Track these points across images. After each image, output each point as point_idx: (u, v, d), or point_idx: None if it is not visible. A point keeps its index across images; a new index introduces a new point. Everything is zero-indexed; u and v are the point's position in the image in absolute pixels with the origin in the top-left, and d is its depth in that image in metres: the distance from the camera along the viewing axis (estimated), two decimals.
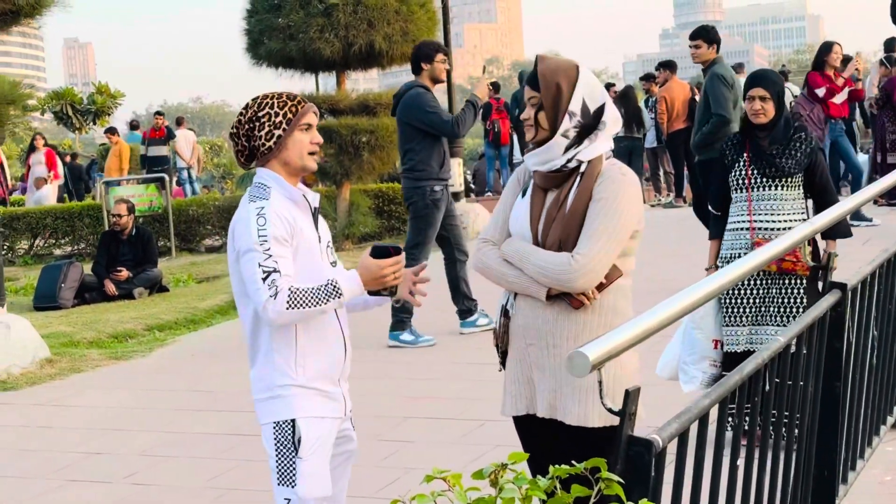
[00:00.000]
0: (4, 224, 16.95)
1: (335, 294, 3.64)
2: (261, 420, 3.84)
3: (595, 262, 3.58)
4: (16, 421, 7.78)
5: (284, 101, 3.78)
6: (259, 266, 3.62)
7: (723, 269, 3.55)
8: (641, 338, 2.88)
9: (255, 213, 3.69)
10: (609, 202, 3.63)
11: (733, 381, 3.22)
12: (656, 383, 7.24)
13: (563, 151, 3.70)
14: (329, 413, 3.84)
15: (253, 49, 15.45)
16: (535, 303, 3.71)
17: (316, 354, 3.79)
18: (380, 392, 7.84)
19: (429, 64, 8.98)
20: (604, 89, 3.84)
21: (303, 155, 3.79)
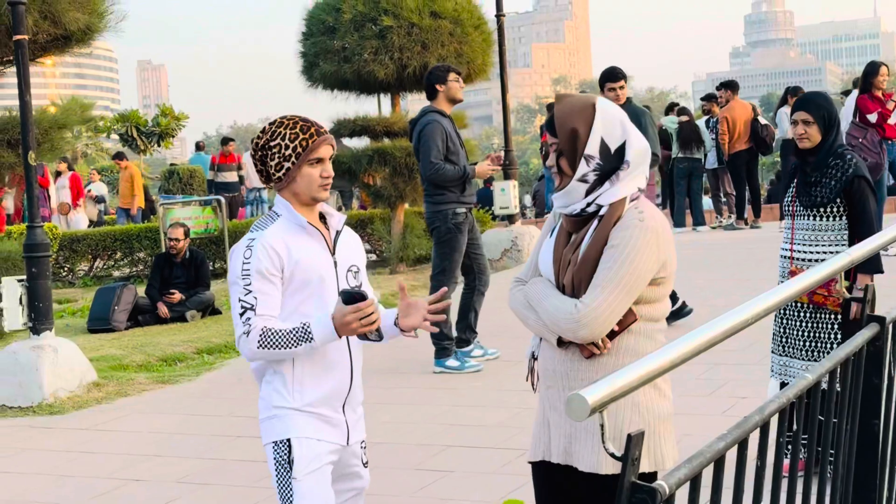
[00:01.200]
0: (64, 246, 17.10)
1: (306, 338, 3.63)
2: (262, 441, 3.84)
3: (599, 312, 3.41)
4: (59, 445, 7.78)
5: (297, 132, 3.73)
6: (239, 300, 3.66)
7: (747, 303, 3.38)
8: (647, 379, 2.74)
9: (245, 244, 3.71)
10: (620, 249, 3.45)
11: (753, 422, 3.07)
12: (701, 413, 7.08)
13: (583, 195, 3.53)
14: (326, 437, 3.79)
15: (308, 71, 15.48)
16: (553, 345, 3.58)
17: (314, 379, 3.75)
18: (422, 419, 7.74)
19: (443, 85, 8.87)
20: (627, 125, 3.59)
21: (312, 188, 3.75)
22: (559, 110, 3.57)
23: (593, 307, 3.40)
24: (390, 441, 7.25)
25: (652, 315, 3.57)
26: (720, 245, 15.97)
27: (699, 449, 2.86)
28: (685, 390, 7.88)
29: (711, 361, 8.58)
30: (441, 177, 8.70)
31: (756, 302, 3.38)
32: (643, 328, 3.55)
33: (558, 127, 3.55)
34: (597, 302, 3.41)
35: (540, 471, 3.72)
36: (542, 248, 3.74)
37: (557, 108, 3.58)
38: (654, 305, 3.58)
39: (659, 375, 2.78)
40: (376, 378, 9.16)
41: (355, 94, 15.80)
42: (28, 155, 9.02)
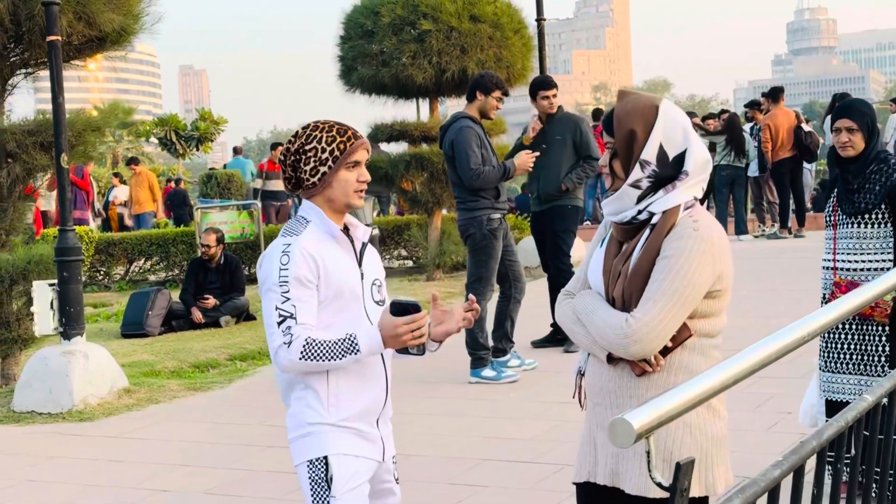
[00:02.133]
0: (101, 249, 17.05)
1: (352, 350, 3.46)
2: (295, 461, 3.64)
3: (651, 327, 3.19)
4: (87, 453, 7.64)
5: (334, 135, 3.58)
6: (276, 308, 3.46)
7: (802, 319, 3.16)
8: (698, 401, 2.53)
9: (280, 249, 3.52)
10: (674, 260, 3.23)
11: (810, 448, 2.85)
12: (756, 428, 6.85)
13: (635, 202, 3.31)
14: (364, 453, 3.61)
15: (345, 76, 15.34)
16: (603, 361, 3.37)
17: (351, 393, 3.57)
18: (456, 431, 7.55)
19: (484, 96, 8.68)
20: (691, 133, 3.36)
21: (348, 193, 3.59)
22: (619, 108, 3.36)
23: (645, 322, 3.20)
24: (423, 454, 7.06)
25: (707, 330, 3.35)
26: (763, 254, 15.69)
27: (753, 477, 2.65)
28: (729, 406, 7.63)
29: (755, 376, 8.32)
30: (484, 181, 8.52)
31: (812, 318, 3.17)
32: (697, 344, 3.34)
33: (616, 126, 3.33)
34: (649, 316, 3.20)
35: (585, 492, 3.51)
36: (591, 258, 3.54)
37: (618, 106, 3.37)
38: (710, 320, 3.36)
39: (710, 397, 2.57)
40: (411, 388, 8.98)
41: (393, 98, 15.64)
42: (61, 157, 8.91)
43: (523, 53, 15.03)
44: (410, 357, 3.66)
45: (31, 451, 7.78)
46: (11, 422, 8.62)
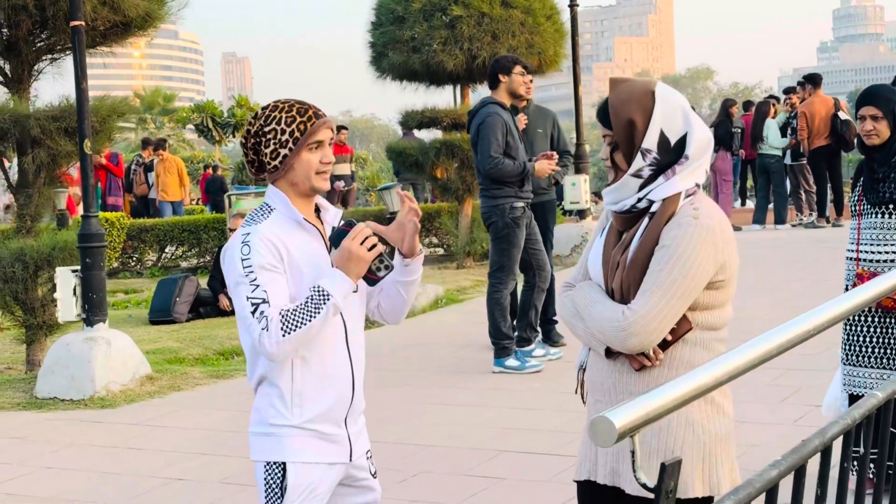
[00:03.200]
0: (133, 236, 17.07)
1: (324, 298, 3.27)
2: (252, 454, 3.52)
3: (649, 320, 3.06)
4: (107, 441, 7.61)
5: (293, 116, 3.40)
6: (247, 299, 3.28)
7: (809, 312, 3.03)
8: (687, 399, 2.41)
9: (240, 241, 3.36)
10: (672, 250, 3.09)
11: (812, 447, 2.73)
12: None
13: (636, 191, 3.19)
14: (326, 458, 3.46)
15: (376, 62, 15.25)
16: (601, 355, 3.25)
17: (316, 392, 3.41)
18: (476, 422, 7.45)
19: (507, 76, 8.53)
20: (690, 114, 3.23)
21: (310, 176, 3.41)
22: (614, 98, 3.20)
23: (642, 314, 3.07)
24: (442, 445, 6.97)
25: (710, 323, 3.21)
26: (800, 244, 15.47)
27: (749, 478, 2.54)
28: (755, 397, 7.51)
29: (783, 367, 8.18)
30: (500, 172, 8.38)
31: (820, 312, 3.04)
32: (700, 338, 3.20)
33: (613, 117, 3.19)
34: (646, 308, 3.07)
35: (586, 490, 3.39)
36: (591, 249, 3.41)
37: (612, 96, 3.21)
38: (713, 312, 3.22)
39: (701, 394, 2.45)
40: (434, 377, 8.91)
41: (424, 85, 15.53)
42: (84, 143, 8.87)
43: (555, 39, 14.87)
44: (386, 281, 3.48)
45: (50, 438, 7.76)
46: (34, 408, 8.61)
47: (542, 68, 14.93)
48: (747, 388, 7.69)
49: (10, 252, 9.35)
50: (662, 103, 3.18)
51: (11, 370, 10.02)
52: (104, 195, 21.13)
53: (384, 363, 9.53)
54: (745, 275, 12.65)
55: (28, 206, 9.66)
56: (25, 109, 9.37)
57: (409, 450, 6.92)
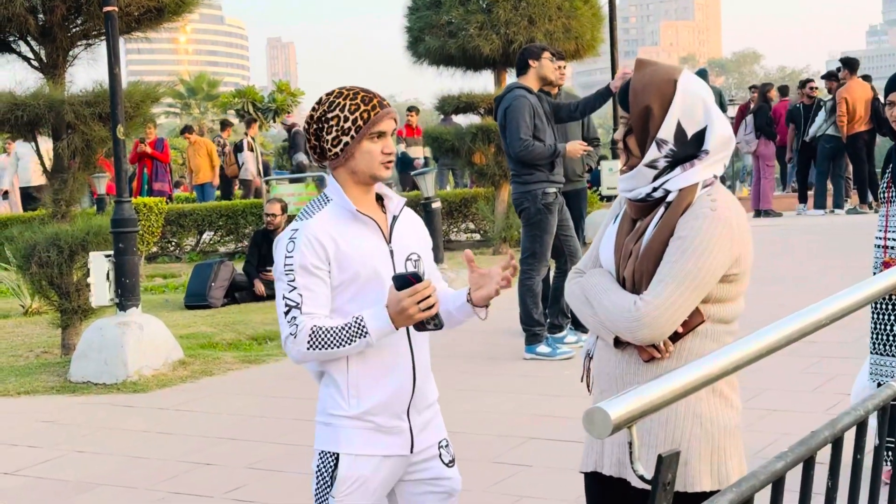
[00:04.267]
0: (171, 221, 17.15)
1: (361, 333, 3.26)
2: (315, 444, 3.49)
3: (662, 311, 3.00)
4: (136, 425, 7.65)
5: (358, 104, 3.36)
6: (283, 298, 3.30)
7: (821, 302, 2.96)
8: (688, 390, 2.36)
9: (287, 236, 3.35)
10: (688, 241, 3.03)
11: (821, 439, 2.66)
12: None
13: (650, 180, 3.12)
14: (380, 450, 3.41)
15: (413, 47, 15.20)
16: (609, 344, 3.19)
17: (372, 383, 3.38)
18: (506, 409, 7.42)
19: (536, 62, 8.45)
20: (712, 108, 3.14)
21: (372, 165, 3.36)
22: (636, 81, 3.14)
23: (655, 305, 3.00)
24: (470, 431, 6.94)
25: (721, 316, 3.15)
26: (839, 230, 15.30)
27: (753, 469, 2.49)
28: (787, 384, 7.43)
29: (819, 354, 8.08)
30: (530, 154, 8.32)
31: (831, 301, 2.96)
32: (710, 330, 3.14)
33: (632, 100, 3.12)
34: (660, 299, 3.01)
35: (592, 482, 3.33)
36: (604, 236, 3.36)
37: (634, 79, 3.15)
38: (725, 305, 3.16)
39: (702, 386, 2.40)
40: (464, 364, 8.88)
41: (461, 70, 15.47)
42: (117, 129, 8.90)
43: (593, 24, 14.76)
44: (432, 331, 3.43)
45: (82, 422, 7.81)
46: (67, 392, 8.66)
47: (580, 53, 14.83)
48: (780, 375, 7.61)
49: (45, 237, 9.41)
50: (683, 93, 3.10)
51: (47, 354, 10.10)
52: (150, 181, 21.24)
53: None
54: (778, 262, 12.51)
55: (63, 192, 9.71)
56: (60, 95, 9.41)
57: None
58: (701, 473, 3.11)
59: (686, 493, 3.10)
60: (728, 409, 3.17)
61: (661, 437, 3.11)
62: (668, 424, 3.11)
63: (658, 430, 3.11)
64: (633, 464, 2.33)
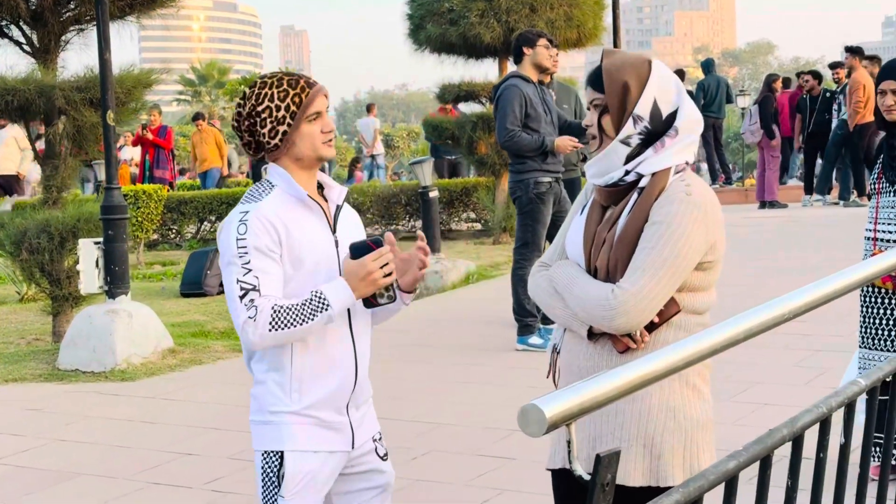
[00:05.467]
0: (172, 208, 17.09)
1: (323, 306, 3.16)
2: (253, 444, 3.39)
3: (640, 299, 2.93)
4: (123, 414, 7.59)
5: (286, 90, 3.25)
6: (237, 282, 3.16)
7: (781, 298, 2.86)
8: (632, 387, 2.26)
9: (237, 219, 3.23)
10: (665, 227, 2.96)
11: (778, 437, 2.56)
12: None
13: (622, 161, 3.06)
14: (326, 446, 3.32)
15: (414, 34, 15.09)
16: (580, 337, 3.10)
17: (316, 378, 3.28)
18: (494, 401, 7.33)
19: (531, 48, 8.33)
20: (683, 92, 3.13)
21: (315, 147, 3.27)
22: (610, 63, 3.10)
23: (633, 292, 2.93)
24: (457, 423, 6.87)
25: (695, 306, 3.08)
26: (843, 222, 15.16)
27: (703, 469, 2.39)
28: (779, 378, 7.34)
29: (812, 347, 7.99)
30: (515, 145, 8.22)
31: (818, 286, 2.85)
32: (683, 322, 3.07)
33: (607, 80, 3.08)
34: (637, 286, 2.93)
35: (561, 480, 3.26)
36: (570, 227, 3.27)
37: (607, 61, 3.11)
38: (699, 295, 3.08)
39: (644, 384, 2.30)
40: (456, 355, 8.80)
41: (463, 58, 15.35)
42: (107, 114, 8.82)
43: (595, 12, 14.64)
44: (385, 310, 3.38)
45: (67, 411, 7.75)
46: (55, 380, 8.60)
47: (582, 41, 14.72)
48: (771, 369, 7.51)
49: (35, 223, 9.34)
50: (658, 73, 3.09)
51: (39, 341, 10.03)
52: (151, 168, 21.15)
53: (408, 339, 9.43)
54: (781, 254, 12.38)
55: (55, 178, 9.64)
56: (51, 80, 9.33)
57: (422, 428, 6.82)
58: (674, 468, 3.05)
59: (659, 488, 3.03)
60: (700, 402, 3.11)
61: (634, 431, 3.04)
62: (642, 418, 3.04)
63: (631, 424, 3.04)
64: (572, 463, 2.24)
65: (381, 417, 7.04)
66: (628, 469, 3.04)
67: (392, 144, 53.30)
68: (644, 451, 3.04)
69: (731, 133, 47.51)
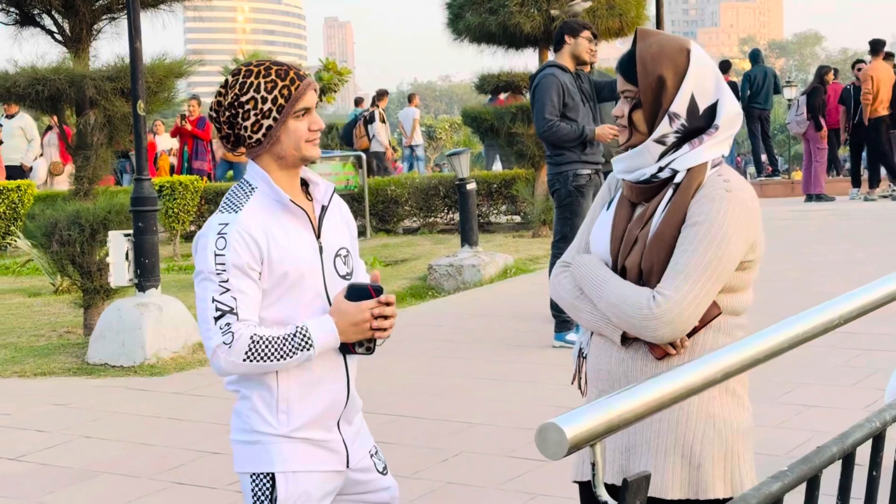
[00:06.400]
0: (209, 199, 16.95)
1: (304, 345, 2.94)
2: (236, 466, 3.13)
3: (683, 307, 2.72)
4: (148, 410, 7.44)
5: (273, 80, 2.99)
6: (213, 301, 2.93)
7: (832, 301, 2.62)
8: (666, 403, 2.04)
9: (216, 230, 2.97)
10: (706, 227, 2.75)
11: (828, 456, 2.33)
12: None
13: (656, 158, 2.85)
14: (319, 466, 3.10)
15: (453, 24, 14.87)
16: (610, 341, 2.89)
17: (304, 398, 3.05)
18: (529, 400, 7.12)
19: (573, 38, 8.07)
20: (721, 81, 2.89)
21: (300, 146, 3.01)
22: (645, 51, 2.85)
23: (676, 300, 2.72)
24: (491, 423, 6.66)
25: (733, 307, 2.88)
26: (892, 215, 14.80)
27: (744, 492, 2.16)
28: (825, 379, 7.06)
29: (861, 346, 7.70)
30: (555, 135, 7.97)
31: (845, 300, 2.62)
32: (722, 323, 2.86)
33: (640, 71, 2.84)
34: (680, 294, 2.72)
35: (589, 493, 3.03)
36: (595, 224, 3.04)
37: (642, 48, 2.86)
38: (737, 296, 2.88)
39: (678, 400, 2.07)
40: (491, 351, 8.58)
41: (503, 48, 15.10)
42: (137, 104, 8.67)
43: (637, 2, 14.35)
44: (357, 356, 3.14)
45: (94, 406, 7.61)
46: (84, 374, 8.48)
47: (624, 31, 14.43)
48: (817, 369, 7.24)
49: (66, 215, 9.22)
50: (697, 65, 2.85)
51: (71, 334, 9.93)
52: (190, 159, 21.05)
53: (444, 334, 9.24)
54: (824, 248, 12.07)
55: (86, 169, 9.51)
56: (81, 69, 9.20)
57: (454, 427, 6.62)
58: (714, 479, 2.85)
59: (699, 501, 2.85)
60: (741, 410, 2.91)
61: (672, 440, 2.84)
62: (680, 426, 2.84)
63: (668, 432, 2.84)
64: (596, 488, 2.03)
65: (414, 416, 6.88)
66: (666, 481, 2.84)
67: (434, 136, 53.10)
68: (683, 461, 2.84)
69: (777, 125, 46.92)
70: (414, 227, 16.46)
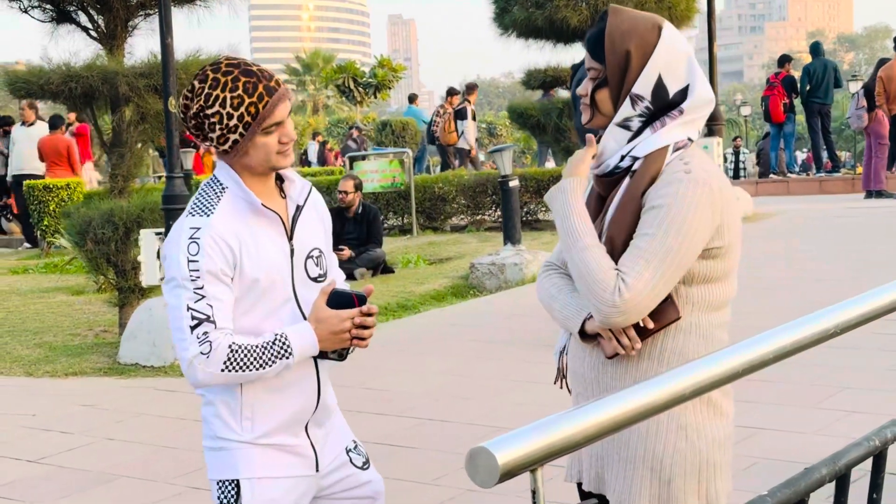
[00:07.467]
0: None
1: (284, 353, 2.81)
2: (208, 473, 3.02)
3: (642, 298, 2.55)
4: (173, 412, 7.33)
5: (240, 96, 2.78)
6: (188, 309, 2.78)
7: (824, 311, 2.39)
8: (614, 427, 1.84)
9: (187, 234, 2.82)
10: (664, 211, 2.56)
11: (815, 479, 2.13)
12: None
13: (623, 145, 2.68)
14: (286, 472, 2.96)
15: (499, 18, 14.67)
16: (575, 336, 2.75)
17: (271, 403, 2.92)
18: (559, 402, 6.86)
19: None
20: (695, 66, 2.71)
21: (269, 158, 2.86)
22: (614, 25, 2.67)
23: (638, 289, 2.54)
24: (516, 426, 6.43)
25: (709, 300, 2.68)
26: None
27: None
28: (869, 383, 6.80)
29: (877, 346, 7.40)
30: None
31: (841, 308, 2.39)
32: (696, 323, 2.68)
33: (609, 48, 2.66)
34: (642, 282, 2.55)
35: (582, 492, 2.95)
36: None
37: (613, 23, 2.68)
38: (712, 286, 2.68)
39: (630, 423, 1.87)
40: (527, 352, 8.38)
41: (551, 42, 14.87)
42: (168, 101, 8.56)
43: None
44: (329, 362, 3.00)
45: (121, 407, 7.52)
46: (115, 374, 8.39)
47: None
48: (862, 372, 6.96)
49: (100, 213, 9.15)
50: (667, 42, 2.65)
51: (107, 332, 9.86)
52: None
53: (481, 334, 9.05)
54: (879, 247, 11.72)
55: (121, 166, 9.44)
56: (114, 66, 9.12)
57: (481, 432, 6.43)
58: (686, 495, 2.68)
59: None
60: (718, 418, 2.72)
61: (640, 451, 2.68)
62: (650, 437, 2.68)
63: (637, 443, 2.68)
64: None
65: (440, 420, 6.69)
66: (633, 496, 2.69)
67: (495, 133, 52.98)
68: (652, 475, 2.68)
69: (842, 121, 46.14)
70: (461, 224, 16.26)
